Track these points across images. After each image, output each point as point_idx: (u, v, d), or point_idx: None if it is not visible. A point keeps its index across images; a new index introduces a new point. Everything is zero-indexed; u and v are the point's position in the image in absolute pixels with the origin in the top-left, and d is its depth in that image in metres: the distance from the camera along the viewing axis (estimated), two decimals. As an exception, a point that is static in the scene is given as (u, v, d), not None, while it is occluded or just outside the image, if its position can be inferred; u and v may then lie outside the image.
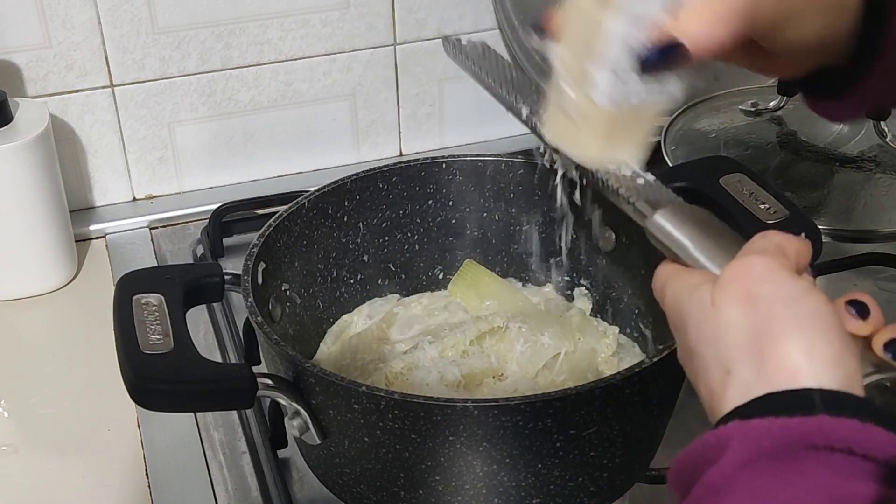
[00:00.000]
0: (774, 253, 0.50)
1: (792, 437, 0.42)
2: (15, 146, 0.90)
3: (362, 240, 0.85)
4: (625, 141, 0.62)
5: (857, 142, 1.03)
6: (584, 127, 0.61)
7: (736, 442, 0.43)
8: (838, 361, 0.45)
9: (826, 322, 0.46)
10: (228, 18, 1.04)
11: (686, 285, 0.52)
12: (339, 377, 0.63)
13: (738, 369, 0.47)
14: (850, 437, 0.42)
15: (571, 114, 0.61)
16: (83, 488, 0.77)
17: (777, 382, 0.45)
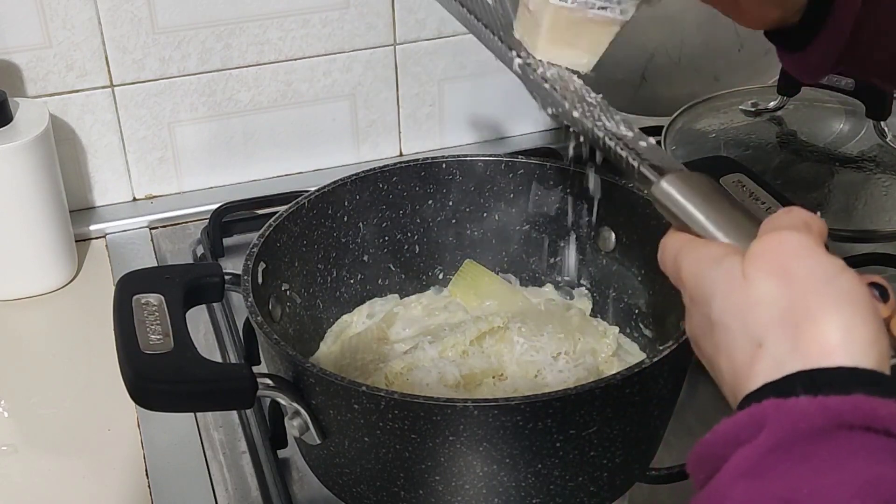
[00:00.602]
0: (804, 229, 0.49)
1: (830, 417, 0.42)
2: (15, 146, 0.90)
3: (362, 240, 0.85)
4: (573, 44, 0.65)
5: (857, 142, 1.03)
6: (537, 21, 0.64)
7: (772, 422, 0.43)
8: (874, 342, 0.45)
9: (862, 302, 0.46)
10: (228, 18, 1.04)
11: (708, 256, 0.51)
12: (339, 377, 0.63)
13: (770, 343, 0.46)
14: (887, 417, 0.42)
15: (530, 7, 0.64)
16: (83, 488, 0.77)
17: (812, 359, 0.44)
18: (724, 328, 0.49)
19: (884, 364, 0.45)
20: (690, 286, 0.52)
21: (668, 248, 0.54)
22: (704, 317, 0.51)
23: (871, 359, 0.44)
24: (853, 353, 0.44)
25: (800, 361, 0.45)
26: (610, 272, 0.84)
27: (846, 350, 0.44)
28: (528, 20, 0.65)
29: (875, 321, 0.46)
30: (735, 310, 0.48)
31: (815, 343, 0.45)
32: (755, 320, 0.47)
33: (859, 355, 0.44)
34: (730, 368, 0.49)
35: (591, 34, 0.64)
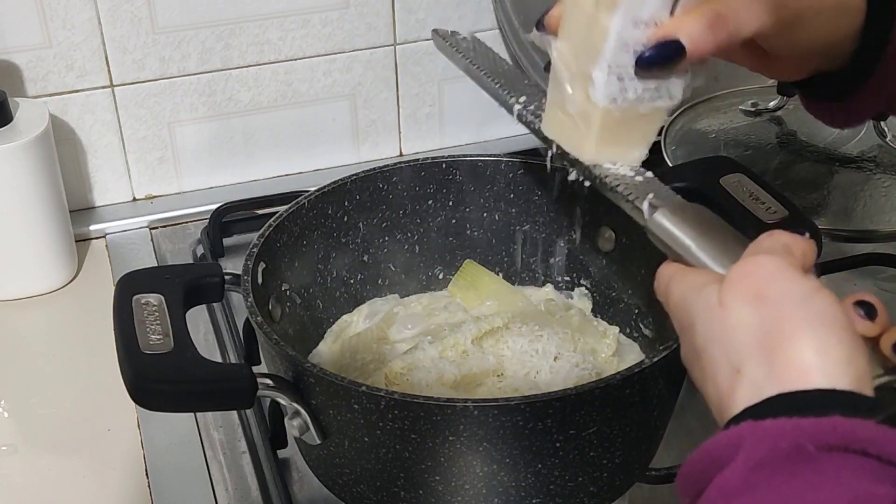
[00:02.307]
0: (782, 252, 0.49)
1: (806, 437, 0.42)
2: (15, 146, 0.90)
3: (362, 240, 0.85)
4: (624, 141, 0.62)
5: (857, 142, 1.03)
6: (583, 125, 0.61)
7: (749, 443, 0.43)
8: (849, 361, 0.45)
9: (837, 322, 0.46)
10: (228, 18, 1.04)
11: (692, 284, 0.52)
12: (339, 377, 0.63)
13: (748, 368, 0.46)
14: (864, 438, 0.42)
15: (570, 111, 0.61)
16: (83, 488, 0.77)
17: (789, 382, 0.45)
18: (707, 355, 0.49)
19: (861, 382, 0.45)
20: (677, 315, 0.53)
21: (662, 278, 0.55)
22: (691, 344, 0.51)
23: (848, 378, 0.44)
24: (829, 374, 0.44)
25: (777, 385, 0.45)
26: (610, 272, 0.84)
27: (822, 371, 0.44)
28: (564, 121, 0.62)
29: (851, 340, 0.46)
30: (714, 337, 0.49)
31: (790, 366, 0.45)
32: (733, 346, 0.47)
33: (835, 376, 0.44)
34: (715, 395, 0.49)
35: (641, 127, 0.62)
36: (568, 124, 0.62)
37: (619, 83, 0.58)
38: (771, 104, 1.07)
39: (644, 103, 0.60)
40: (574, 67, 0.60)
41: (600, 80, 0.58)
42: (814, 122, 1.05)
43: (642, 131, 0.62)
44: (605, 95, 0.59)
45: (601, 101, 0.59)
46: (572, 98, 0.61)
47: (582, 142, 0.62)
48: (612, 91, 0.59)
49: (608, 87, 0.58)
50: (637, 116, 0.61)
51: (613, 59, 0.58)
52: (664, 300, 0.55)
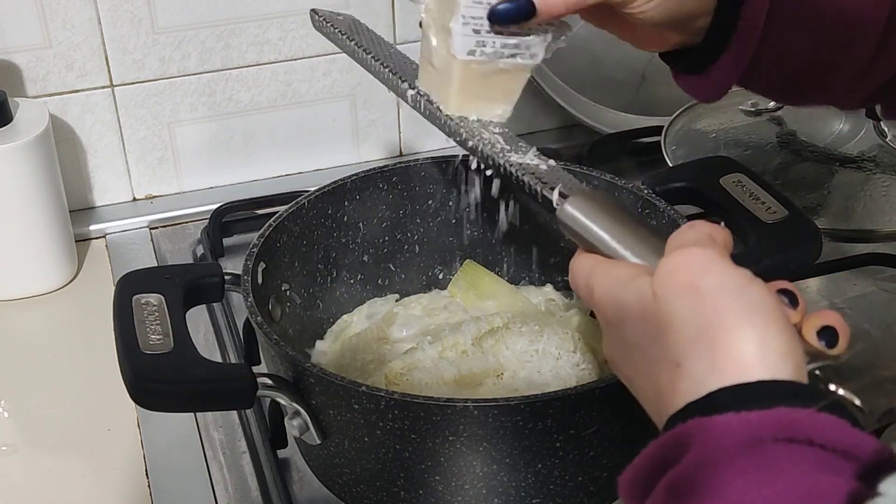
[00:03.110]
0: (708, 243, 0.49)
1: (754, 432, 0.42)
2: (15, 146, 0.90)
3: (362, 240, 0.85)
4: (487, 96, 0.64)
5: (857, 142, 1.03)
6: (445, 78, 0.63)
7: (697, 440, 0.43)
8: (789, 352, 0.45)
9: (773, 312, 0.46)
10: (228, 18, 1.04)
11: (619, 278, 0.51)
12: (339, 377, 0.63)
13: (688, 363, 0.46)
14: (809, 428, 0.42)
15: (435, 64, 0.63)
16: (83, 488, 0.77)
17: (731, 375, 0.44)
18: (641, 350, 0.49)
19: (801, 372, 0.45)
20: (604, 309, 0.52)
21: (579, 271, 0.54)
22: (621, 339, 0.51)
23: (788, 369, 0.44)
24: (770, 366, 0.44)
25: (719, 378, 0.45)
26: (610, 272, 0.84)
27: (763, 363, 0.44)
28: (433, 75, 0.64)
29: (788, 330, 0.46)
30: (650, 331, 0.48)
31: (731, 359, 0.45)
32: (671, 341, 0.47)
33: (776, 367, 0.44)
34: (652, 389, 0.49)
35: (503, 83, 0.64)
36: (436, 77, 0.64)
37: (475, 36, 0.60)
38: (771, 104, 1.07)
39: (503, 59, 0.62)
40: (438, 21, 0.61)
41: (457, 32, 0.60)
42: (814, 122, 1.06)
43: (505, 88, 0.64)
44: (462, 48, 0.60)
45: (459, 53, 0.61)
46: (437, 51, 0.63)
47: (446, 94, 0.64)
48: (469, 44, 0.61)
49: (465, 40, 0.60)
50: (499, 72, 0.63)
51: (467, 11, 0.60)
52: (585, 294, 0.54)
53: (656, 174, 0.82)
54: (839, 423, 0.42)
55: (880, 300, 0.91)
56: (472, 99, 0.64)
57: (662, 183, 0.80)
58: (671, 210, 0.77)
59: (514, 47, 0.62)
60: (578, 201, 0.56)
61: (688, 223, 0.52)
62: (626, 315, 0.50)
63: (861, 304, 0.90)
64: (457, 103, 0.64)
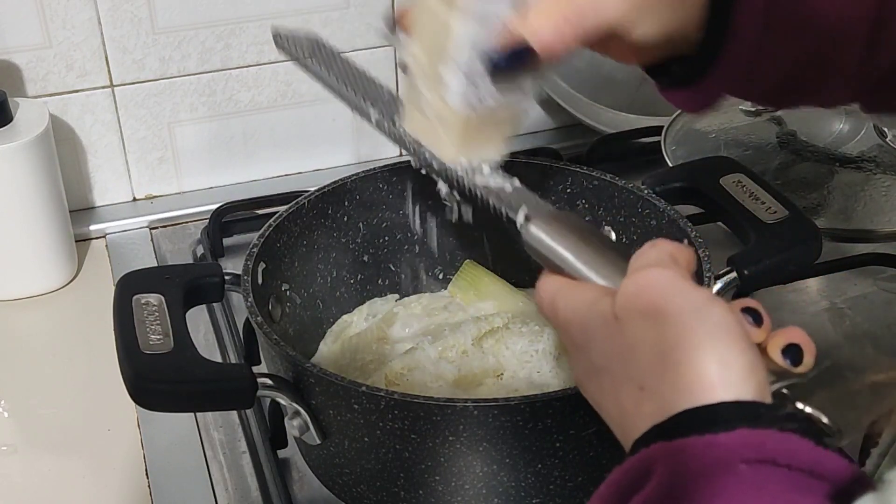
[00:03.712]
0: (670, 263, 0.49)
1: (718, 455, 0.42)
2: (15, 146, 0.90)
3: (362, 240, 0.85)
4: (483, 141, 0.62)
5: (857, 142, 1.03)
6: (441, 128, 0.61)
7: (661, 465, 0.43)
8: (751, 371, 0.45)
9: (735, 332, 0.46)
10: (228, 18, 1.04)
11: (583, 300, 0.51)
12: (339, 377, 0.63)
13: (652, 385, 0.46)
14: (772, 448, 0.42)
15: (427, 113, 0.62)
16: (83, 488, 0.77)
17: (694, 396, 0.44)
18: (606, 372, 0.49)
19: (763, 391, 0.45)
20: (569, 331, 0.52)
21: (545, 293, 0.54)
22: (586, 361, 0.51)
23: (751, 388, 0.44)
24: (732, 386, 0.44)
25: (683, 400, 0.44)
26: (610, 272, 0.84)
27: (725, 383, 0.44)
28: (423, 122, 0.63)
29: (750, 349, 0.46)
30: (614, 354, 0.48)
31: (694, 380, 0.45)
32: (634, 363, 0.47)
33: (738, 387, 0.44)
34: (617, 411, 0.49)
35: (501, 126, 0.63)
36: (426, 124, 0.62)
37: (472, 87, 0.59)
38: (771, 104, 1.07)
39: (501, 105, 0.60)
40: (428, 69, 0.60)
41: (454, 85, 0.58)
42: (814, 122, 1.06)
43: (501, 130, 0.63)
44: (460, 100, 0.59)
45: (459, 108, 0.59)
46: (429, 101, 0.61)
47: (441, 143, 0.62)
48: (468, 95, 0.59)
49: (463, 91, 0.59)
50: (495, 117, 0.61)
51: (463, 62, 0.58)
52: (550, 315, 0.54)
53: (656, 174, 0.82)
54: (803, 443, 0.42)
55: (880, 300, 0.91)
56: (471, 146, 0.63)
57: (662, 183, 0.80)
58: (671, 210, 0.77)
59: (511, 91, 0.61)
60: (543, 223, 0.56)
61: (650, 242, 0.51)
62: (591, 337, 0.50)
63: (861, 304, 0.90)
64: (455, 151, 0.62)
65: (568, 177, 0.84)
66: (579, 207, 0.84)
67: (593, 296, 0.51)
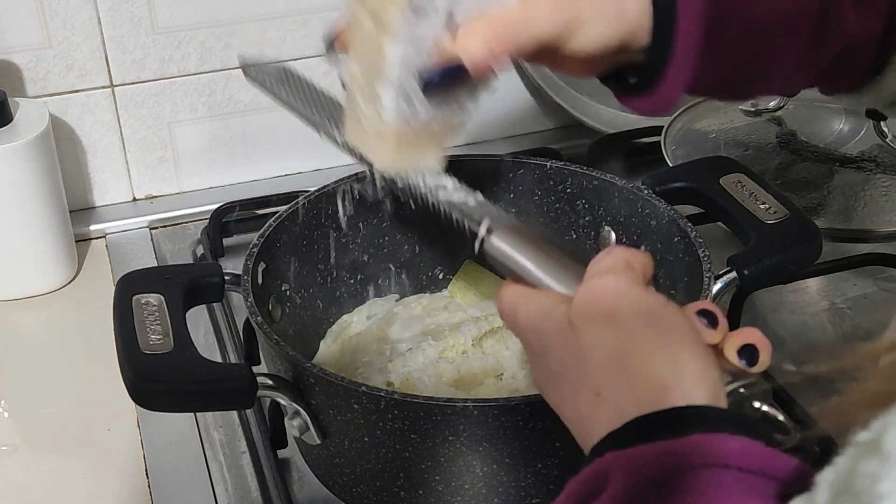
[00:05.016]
0: (624, 270, 0.49)
1: (670, 461, 0.42)
2: (15, 146, 0.90)
3: (362, 240, 0.85)
4: (419, 150, 0.64)
5: (857, 142, 1.03)
6: (378, 140, 0.63)
7: (616, 474, 0.43)
8: (703, 374, 0.45)
9: (686, 335, 0.46)
10: (228, 18, 1.04)
11: (540, 308, 0.51)
12: (339, 377, 0.63)
13: (607, 391, 0.46)
14: (724, 452, 0.42)
15: (364, 126, 0.63)
16: (83, 488, 0.77)
17: (648, 402, 0.45)
18: (564, 378, 0.49)
19: (717, 394, 0.45)
20: (528, 339, 0.52)
21: (505, 302, 0.54)
22: (545, 367, 0.51)
23: (704, 392, 0.45)
24: (685, 390, 0.44)
25: (636, 406, 0.45)
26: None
27: (678, 388, 0.45)
28: (361, 133, 0.64)
29: (703, 353, 0.46)
30: (569, 360, 0.49)
31: (646, 385, 0.45)
32: (589, 369, 0.47)
33: (691, 391, 0.44)
34: (576, 417, 0.49)
35: (431, 139, 0.64)
36: (364, 136, 0.64)
37: (406, 103, 0.60)
38: (771, 104, 1.07)
39: (435, 120, 0.62)
40: (365, 86, 0.61)
41: (389, 102, 0.60)
42: (814, 122, 1.06)
43: (435, 140, 0.65)
44: (396, 117, 0.60)
45: (393, 123, 0.61)
46: (366, 115, 0.62)
47: (378, 153, 0.64)
48: (403, 112, 0.60)
49: (397, 108, 0.60)
50: (431, 129, 0.63)
51: (397, 80, 0.59)
52: (511, 324, 0.54)
53: (656, 174, 0.82)
54: (753, 445, 0.42)
55: (880, 300, 0.91)
56: (404, 155, 0.64)
57: (662, 183, 0.80)
58: (671, 210, 0.77)
59: (441, 103, 0.62)
60: (503, 234, 0.57)
61: (606, 249, 0.52)
62: (548, 344, 0.50)
63: (861, 304, 0.90)
64: (389, 161, 0.64)
65: (568, 177, 0.84)
66: (579, 207, 0.84)
67: (550, 303, 0.51)
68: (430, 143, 0.64)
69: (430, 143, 0.64)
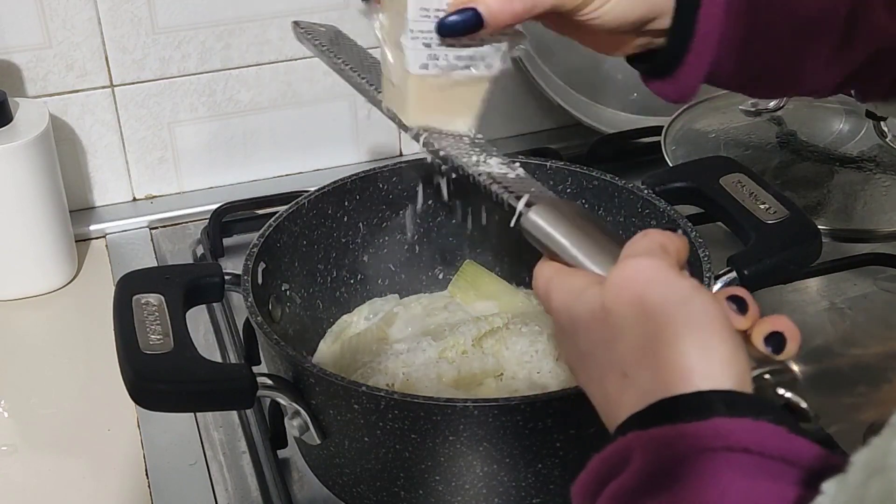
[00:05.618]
0: (659, 253, 0.49)
1: (691, 444, 0.42)
2: (15, 146, 0.90)
3: (362, 240, 0.85)
4: (445, 109, 0.64)
5: (857, 142, 1.03)
6: (403, 92, 0.63)
7: (637, 453, 0.43)
8: (731, 360, 0.45)
9: (717, 321, 0.46)
10: (228, 18, 1.04)
11: (573, 288, 0.52)
12: (339, 377, 0.63)
13: (634, 373, 0.47)
14: (745, 437, 0.42)
15: (392, 80, 0.64)
16: (83, 488, 0.77)
17: (673, 385, 0.45)
18: (592, 359, 0.50)
19: (744, 380, 0.45)
20: (559, 318, 0.53)
21: (540, 278, 0.55)
22: (575, 347, 0.51)
23: (730, 378, 0.45)
24: (711, 375, 0.45)
25: (662, 389, 0.45)
26: (610, 272, 0.84)
27: (704, 372, 0.45)
28: (392, 91, 0.65)
29: (731, 339, 0.46)
30: (599, 341, 0.49)
31: (674, 369, 0.45)
32: (618, 351, 0.48)
33: (717, 376, 0.45)
34: (602, 397, 0.49)
35: (462, 95, 0.64)
36: (395, 92, 0.64)
37: (427, 50, 0.61)
38: (771, 104, 1.07)
39: (458, 71, 0.62)
40: (392, 37, 0.62)
41: (408, 47, 0.61)
42: (814, 122, 1.06)
43: (464, 100, 0.64)
44: (414, 63, 0.61)
45: (411, 68, 0.61)
46: (392, 66, 0.63)
47: (404, 108, 0.64)
48: (421, 58, 0.61)
49: (416, 54, 0.61)
50: (455, 84, 0.63)
51: (416, 26, 0.60)
52: (544, 301, 0.54)
53: (656, 174, 0.82)
54: (776, 431, 0.42)
55: (880, 300, 0.91)
56: (430, 111, 0.64)
57: (662, 183, 0.80)
58: (671, 210, 0.77)
59: (468, 59, 0.62)
60: (542, 210, 0.57)
61: (642, 232, 0.52)
62: (578, 324, 0.50)
63: (861, 304, 0.90)
64: (415, 116, 0.64)
65: (568, 177, 0.84)
66: (579, 207, 0.84)
67: (583, 284, 0.51)
68: (458, 104, 0.64)
69: (457, 104, 0.64)
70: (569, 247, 0.54)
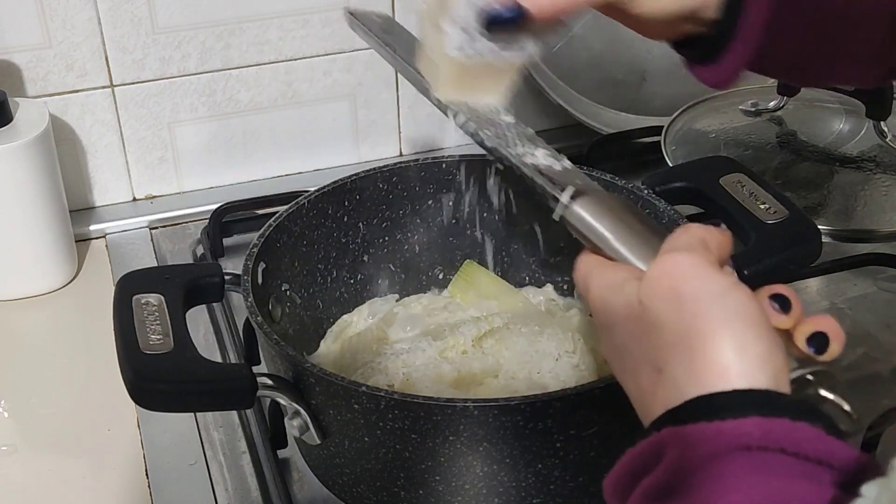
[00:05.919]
0: (698, 248, 0.49)
1: (725, 441, 0.42)
2: (15, 146, 0.90)
3: (362, 240, 0.85)
4: (477, 87, 0.65)
5: (857, 142, 1.03)
6: (441, 70, 0.64)
7: (670, 449, 0.43)
8: (767, 358, 0.45)
9: (754, 318, 0.46)
10: (228, 18, 1.04)
11: (611, 281, 0.51)
12: (339, 377, 0.63)
13: (669, 369, 0.46)
14: (781, 437, 0.42)
15: (429, 55, 0.65)
16: (83, 488, 0.77)
17: (708, 382, 0.45)
18: (628, 354, 0.50)
19: (780, 379, 0.45)
20: (597, 311, 0.53)
21: (580, 271, 0.54)
22: (611, 340, 0.51)
23: (766, 376, 0.44)
24: (747, 373, 0.44)
25: (697, 386, 0.45)
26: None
27: (740, 370, 0.44)
28: (428, 62, 0.66)
29: (768, 336, 0.46)
30: (635, 335, 0.49)
31: (709, 366, 0.45)
32: (653, 346, 0.47)
33: (753, 374, 0.44)
34: (637, 392, 0.49)
35: (492, 77, 0.65)
36: (430, 65, 0.65)
37: (465, 35, 0.62)
38: (771, 104, 1.07)
39: (494, 54, 0.63)
40: (435, 17, 0.63)
41: (450, 34, 0.61)
42: (814, 122, 1.06)
43: (493, 81, 0.65)
44: (455, 49, 0.62)
45: (449, 50, 0.62)
46: (431, 43, 0.64)
47: (438, 82, 0.65)
48: (463, 45, 0.62)
49: (458, 42, 0.62)
50: (493, 68, 0.64)
51: (458, 12, 0.61)
52: (584, 294, 0.54)
53: (656, 174, 0.82)
54: (813, 432, 0.42)
55: (880, 300, 0.91)
56: (461, 90, 0.65)
57: (662, 183, 0.80)
58: (671, 210, 0.77)
59: (504, 43, 0.63)
60: (586, 202, 0.56)
61: (683, 226, 0.52)
62: (615, 318, 0.50)
63: (861, 304, 0.90)
64: (445, 91, 0.65)
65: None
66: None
67: (622, 278, 0.51)
68: (492, 81, 0.65)
69: (491, 81, 0.65)
70: (612, 240, 0.54)
